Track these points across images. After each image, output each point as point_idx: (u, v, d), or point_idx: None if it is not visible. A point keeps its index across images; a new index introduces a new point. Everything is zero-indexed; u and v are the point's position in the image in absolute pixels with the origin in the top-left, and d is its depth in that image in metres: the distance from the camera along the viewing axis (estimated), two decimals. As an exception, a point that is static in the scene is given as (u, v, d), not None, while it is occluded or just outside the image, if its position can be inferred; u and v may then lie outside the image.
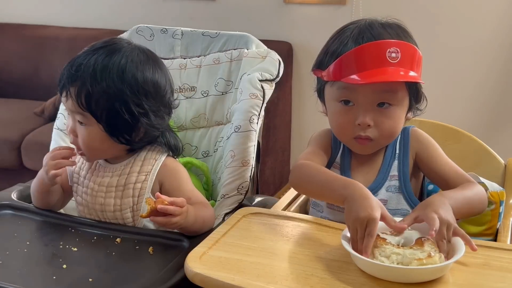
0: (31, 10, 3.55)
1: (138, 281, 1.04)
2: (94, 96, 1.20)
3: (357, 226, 1.01)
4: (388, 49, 1.17)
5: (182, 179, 1.30)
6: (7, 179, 2.71)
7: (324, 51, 1.26)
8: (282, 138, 3.06)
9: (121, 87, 1.21)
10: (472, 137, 1.48)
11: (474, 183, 1.20)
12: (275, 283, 0.94)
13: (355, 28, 1.22)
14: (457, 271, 0.98)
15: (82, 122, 1.24)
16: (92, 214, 1.29)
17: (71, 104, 1.23)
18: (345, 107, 1.21)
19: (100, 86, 1.20)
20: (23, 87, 3.38)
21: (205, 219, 1.23)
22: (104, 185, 1.27)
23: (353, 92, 1.20)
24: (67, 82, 1.23)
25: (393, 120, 1.21)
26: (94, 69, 1.21)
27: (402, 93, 1.21)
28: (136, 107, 1.22)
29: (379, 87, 1.18)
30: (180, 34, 1.64)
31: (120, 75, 1.22)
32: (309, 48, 3.07)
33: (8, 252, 1.13)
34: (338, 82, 1.21)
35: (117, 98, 1.21)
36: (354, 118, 1.20)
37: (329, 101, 1.26)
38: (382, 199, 1.24)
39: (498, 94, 2.88)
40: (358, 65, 1.17)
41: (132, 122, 1.23)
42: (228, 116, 1.54)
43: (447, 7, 2.85)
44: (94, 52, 1.24)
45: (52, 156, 1.26)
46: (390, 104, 1.20)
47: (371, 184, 1.25)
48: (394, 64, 1.17)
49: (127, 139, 1.25)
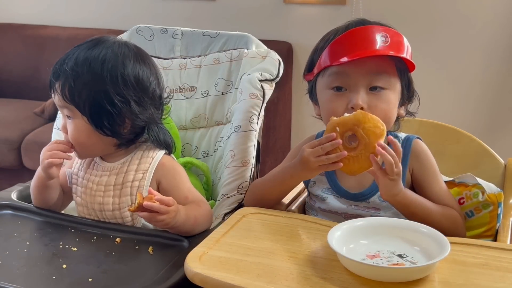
0: (31, 10, 3.55)
1: (138, 281, 1.04)
2: (76, 88, 1.22)
3: (310, 156, 1.14)
4: (377, 33, 1.18)
5: (179, 177, 1.30)
6: (7, 179, 2.72)
7: (314, 51, 1.29)
8: (282, 138, 3.06)
9: (100, 77, 1.22)
10: (472, 137, 1.47)
11: (451, 210, 1.20)
12: (275, 283, 0.94)
13: (343, 24, 1.25)
14: (457, 271, 0.98)
15: (70, 116, 1.25)
16: (92, 214, 1.29)
17: (57, 99, 1.25)
18: (337, 93, 1.21)
19: (81, 77, 1.22)
20: (23, 87, 3.38)
21: (197, 219, 1.22)
22: (102, 184, 1.27)
23: (344, 76, 1.20)
24: (53, 78, 1.25)
25: (386, 104, 1.21)
26: (75, 62, 1.23)
27: (394, 79, 1.22)
28: (116, 96, 1.22)
29: (370, 69, 1.18)
30: (180, 34, 1.64)
31: (100, 65, 1.23)
32: (309, 48, 3.02)
33: (8, 252, 1.13)
34: (329, 69, 1.21)
35: (98, 89, 1.22)
36: (346, 102, 1.20)
37: (321, 92, 1.26)
38: (375, 207, 1.24)
39: (498, 94, 2.88)
40: (349, 48, 1.18)
41: (114, 112, 1.22)
42: (228, 116, 1.54)
43: (447, 7, 2.85)
44: (78, 48, 1.26)
45: (49, 147, 1.27)
46: (382, 88, 1.20)
47: (364, 190, 1.25)
48: (384, 47, 1.18)
49: (113, 131, 1.24)
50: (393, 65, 1.21)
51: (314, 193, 1.31)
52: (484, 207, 1.26)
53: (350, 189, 1.26)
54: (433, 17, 2.86)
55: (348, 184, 1.27)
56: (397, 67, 1.22)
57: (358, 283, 0.94)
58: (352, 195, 1.25)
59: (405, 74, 1.24)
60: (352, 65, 1.18)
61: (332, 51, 1.20)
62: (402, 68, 1.23)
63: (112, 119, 1.23)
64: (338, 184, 1.27)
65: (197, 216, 1.23)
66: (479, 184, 1.26)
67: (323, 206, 1.29)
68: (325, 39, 1.26)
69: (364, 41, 1.17)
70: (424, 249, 1.01)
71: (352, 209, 1.25)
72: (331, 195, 1.28)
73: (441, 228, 1.06)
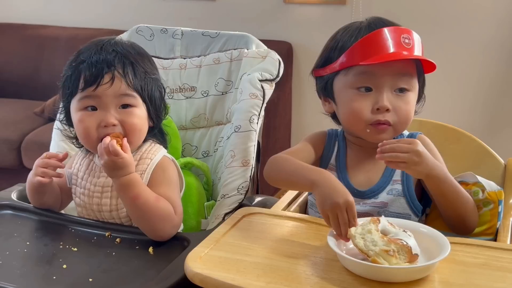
0: (31, 10, 3.55)
1: (138, 281, 1.04)
2: (136, 74, 1.23)
3: (337, 212, 1.03)
4: (402, 35, 1.19)
5: (167, 178, 1.25)
6: (7, 179, 2.71)
7: (330, 48, 1.27)
8: (282, 138, 3.06)
9: (149, 67, 1.27)
10: (472, 137, 1.47)
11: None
12: (275, 283, 0.94)
13: (362, 23, 1.25)
14: (457, 271, 0.98)
15: (129, 105, 1.22)
16: (91, 215, 1.28)
17: (116, 89, 1.20)
18: (362, 93, 1.22)
19: (137, 65, 1.24)
20: (23, 87, 3.38)
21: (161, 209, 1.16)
22: (100, 185, 1.26)
23: (371, 76, 1.20)
24: (108, 65, 1.20)
25: (409, 105, 1.22)
26: (127, 51, 1.24)
27: (415, 80, 1.24)
28: (160, 83, 1.29)
29: (397, 70, 1.20)
30: (180, 34, 1.64)
31: (144, 53, 1.29)
32: (309, 48, 3.07)
33: (8, 252, 1.13)
34: (354, 68, 1.21)
35: (150, 76, 1.26)
36: (372, 103, 1.21)
37: (343, 90, 1.25)
38: (382, 202, 1.24)
39: (498, 94, 2.88)
40: (375, 48, 1.18)
41: (160, 99, 1.29)
42: (228, 116, 1.54)
43: (447, 7, 2.85)
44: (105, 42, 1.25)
45: (42, 163, 1.26)
46: (407, 89, 1.22)
47: (373, 186, 1.25)
48: (407, 49, 1.20)
49: (158, 121, 1.30)
50: (414, 67, 1.23)
51: None
52: (484, 205, 1.26)
53: (360, 186, 1.26)
54: (433, 16, 2.87)
55: (357, 181, 1.27)
56: (417, 69, 1.24)
57: (358, 283, 0.94)
58: (362, 193, 1.26)
59: (422, 76, 1.27)
60: (380, 66, 1.19)
61: (357, 51, 1.20)
62: (420, 69, 1.25)
63: (160, 106, 1.29)
64: (348, 181, 1.27)
65: (163, 209, 1.17)
66: (479, 182, 1.26)
67: None
68: (344, 38, 1.25)
69: (391, 43, 1.19)
70: (424, 249, 1.01)
71: (360, 207, 1.24)
72: None
73: (466, 211, 1.14)
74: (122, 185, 1.17)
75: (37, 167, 1.26)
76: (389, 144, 1.12)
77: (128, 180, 1.17)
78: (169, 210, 1.19)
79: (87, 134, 1.21)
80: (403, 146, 1.11)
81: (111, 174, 1.18)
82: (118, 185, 1.18)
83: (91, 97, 1.21)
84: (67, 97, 1.26)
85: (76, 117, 1.23)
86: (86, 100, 1.21)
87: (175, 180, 1.27)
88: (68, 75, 1.24)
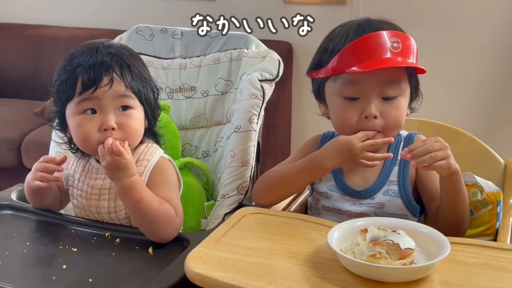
0: (31, 10, 3.55)
1: (138, 281, 1.04)
2: (133, 76, 1.23)
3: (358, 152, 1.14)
4: (390, 39, 1.17)
5: (166, 179, 1.25)
6: (7, 179, 2.71)
7: (322, 50, 1.26)
8: (282, 138, 3.06)
9: (142, 68, 1.28)
10: (472, 137, 1.47)
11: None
12: (275, 283, 0.94)
13: (353, 25, 1.24)
14: (457, 271, 0.98)
15: (128, 106, 1.22)
16: (90, 216, 1.28)
17: (114, 90, 1.19)
18: (349, 102, 1.21)
19: (133, 67, 1.24)
20: (23, 87, 3.38)
21: (162, 212, 1.16)
22: (98, 187, 1.25)
23: (358, 85, 1.19)
24: (107, 68, 1.19)
25: (398, 111, 1.21)
26: (121, 53, 1.23)
27: (405, 84, 1.22)
28: (154, 85, 1.30)
29: (384, 77, 1.18)
30: (180, 34, 1.64)
31: (136, 55, 1.29)
32: (309, 48, 3.05)
33: (7, 252, 1.13)
34: (341, 76, 1.20)
35: (145, 79, 1.26)
36: (359, 111, 1.20)
37: (332, 97, 1.25)
38: (379, 203, 1.24)
39: (498, 94, 2.88)
40: (362, 55, 1.17)
41: (155, 100, 1.29)
42: (228, 116, 1.54)
43: (447, 7, 2.85)
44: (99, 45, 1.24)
45: (40, 167, 1.24)
46: (396, 95, 1.20)
47: (369, 186, 1.25)
48: (396, 54, 1.18)
49: (154, 122, 1.30)
50: (404, 71, 1.21)
51: (319, 190, 1.31)
52: (483, 206, 1.26)
53: (356, 186, 1.26)
54: (433, 17, 2.86)
55: (353, 181, 1.27)
56: (407, 72, 1.22)
57: (358, 283, 0.94)
58: (357, 192, 1.26)
59: (414, 77, 1.25)
60: (366, 74, 1.18)
61: (345, 57, 1.19)
62: (412, 72, 1.23)
63: (156, 108, 1.30)
64: (343, 182, 1.27)
65: (165, 211, 1.17)
66: (478, 183, 1.26)
67: (326, 204, 1.29)
68: (334, 40, 1.24)
69: (377, 48, 1.17)
70: (424, 249, 1.01)
71: (357, 207, 1.25)
72: (336, 193, 1.28)
73: (466, 212, 1.15)
74: (125, 187, 1.16)
75: (36, 171, 1.24)
76: (417, 148, 1.10)
77: (131, 182, 1.16)
78: (171, 213, 1.19)
79: (87, 138, 1.20)
80: (435, 145, 1.10)
81: (113, 176, 1.17)
82: (120, 187, 1.16)
83: (89, 100, 1.19)
84: (62, 102, 1.23)
85: (74, 121, 1.21)
86: (85, 103, 1.20)
87: (174, 181, 1.27)
88: (64, 79, 1.21)
